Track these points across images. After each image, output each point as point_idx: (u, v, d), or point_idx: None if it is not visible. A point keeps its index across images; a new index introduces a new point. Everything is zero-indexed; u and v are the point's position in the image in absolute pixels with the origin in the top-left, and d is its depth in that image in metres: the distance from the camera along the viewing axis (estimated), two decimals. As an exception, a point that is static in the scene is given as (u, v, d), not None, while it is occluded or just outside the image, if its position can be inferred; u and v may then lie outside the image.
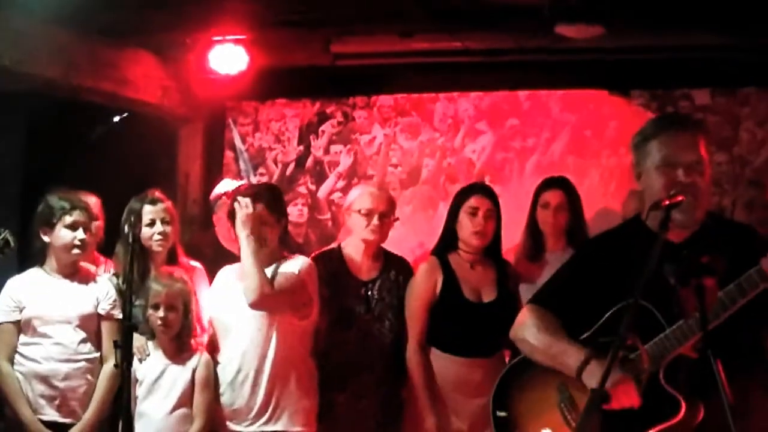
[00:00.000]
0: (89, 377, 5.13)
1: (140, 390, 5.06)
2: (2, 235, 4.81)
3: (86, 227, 5.18)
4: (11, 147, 7.60)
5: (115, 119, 7.99)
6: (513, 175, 7.71)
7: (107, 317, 5.18)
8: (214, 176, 7.74)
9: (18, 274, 5.25)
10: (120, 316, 5.05)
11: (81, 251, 5.19)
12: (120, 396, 4.81)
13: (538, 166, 7.60)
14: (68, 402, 5.08)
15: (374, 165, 8.02)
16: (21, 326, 5.10)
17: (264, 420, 5.03)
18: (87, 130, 7.65)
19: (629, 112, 7.43)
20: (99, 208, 5.53)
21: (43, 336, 5.08)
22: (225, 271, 5.28)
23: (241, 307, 4.99)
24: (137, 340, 5.03)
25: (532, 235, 5.78)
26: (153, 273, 5.21)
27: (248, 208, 5.04)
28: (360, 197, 5.44)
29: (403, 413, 5.38)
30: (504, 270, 5.47)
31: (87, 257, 5.34)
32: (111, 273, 5.37)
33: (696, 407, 3.40)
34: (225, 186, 6.22)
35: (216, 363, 5.13)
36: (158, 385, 5.06)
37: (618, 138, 7.41)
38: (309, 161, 8.15)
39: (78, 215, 5.15)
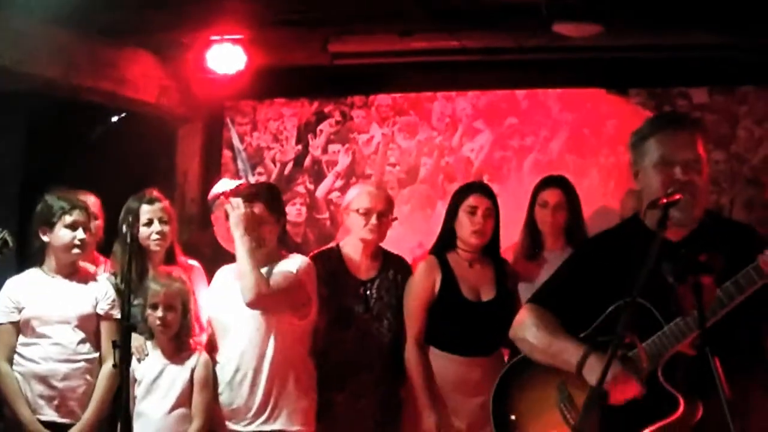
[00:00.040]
0: (88, 377, 5.11)
1: (139, 390, 5.06)
2: (1, 235, 4.79)
3: (86, 227, 5.17)
4: (10, 147, 7.60)
5: (114, 119, 7.99)
6: (511, 174, 7.70)
7: (106, 317, 5.16)
8: (213, 176, 7.74)
9: (17, 275, 5.23)
10: (119, 316, 5.05)
11: (81, 251, 5.18)
12: (119, 396, 4.82)
13: (537, 165, 7.60)
14: (67, 402, 5.07)
15: (372, 164, 8.02)
16: (20, 326, 5.08)
17: (262, 419, 5.03)
18: (86, 130, 7.64)
19: (627, 111, 7.43)
20: (98, 208, 5.55)
21: (42, 336, 5.07)
22: (223, 271, 5.28)
23: (240, 307, 4.99)
24: (136, 340, 5.03)
25: (531, 234, 5.77)
26: (151, 273, 5.20)
27: (240, 209, 5.05)
28: (358, 196, 5.44)
29: (402, 412, 5.37)
30: (502, 269, 5.46)
31: (87, 257, 5.34)
32: (109, 273, 5.36)
33: (695, 405, 3.40)
34: (223, 186, 6.20)
35: (215, 363, 5.13)
36: (157, 385, 5.06)
37: (616, 137, 7.41)
38: (307, 161, 8.15)
39: (78, 215, 5.14)
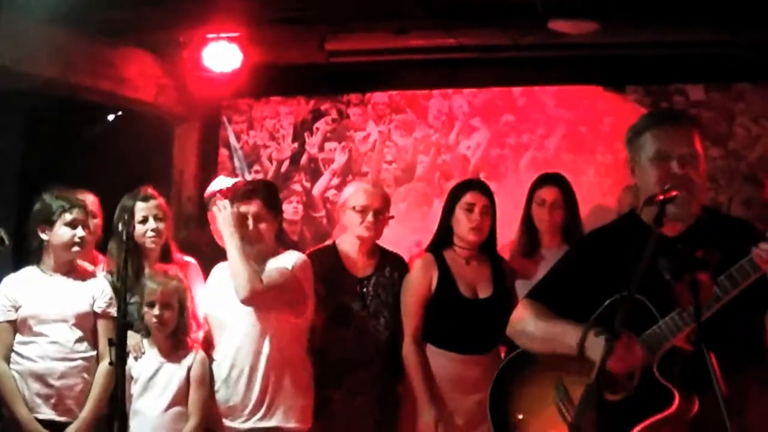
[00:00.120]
0: (86, 376, 5.11)
1: (135, 388, 5.06)
2: (-2, 234, 4.80)
3: (85, 225, 5.17)
4: (8, 146, 7.60)
5: (110, 117, 7.99)
6: (508, 172, 7.70)
7: (103, 315, 5.16)
8: (209, 174, 7.73)
9: (13, 273, 5.23)
10: (116, 314, 5.05)
11: (80, 249, 5.18)
12: (116, 394, 4.81)
13: (533, 163, 7.61)
14: (64, 401, 5.06)
15: (369, 162, 8.02)
16: (17, 325, 5.08)
17: (259, 416, 5.03)
18: (84, 129, 7.65)
19: (624, 108, 7.42)
20: (97, 207, 5.55)
21: (39, 335, 5.06)
22: (219, 268, 5.27)
23: (236, 304, 5.00)
24: (132, 338, 5.04)
25: (528, 232, 5.77)
26: (148, 271, 5.20)
27: (227, 209, 5.08)
28: (354, 194, 5.44)
29: (400, 409, 5.37)
30: (499, 266, 5.46)
31: (86, 256, 5.34)
32: (105, 271, 5.36)
33: (690, 400, 3.40)
34: (220, 183, 6.20)
35: (211, 360, 5.13)
36: (153, 383, 5.06)
37: (613, 134, 7.40)
38: (303, 159, 8.14)
39: (77, 213, 5.14)
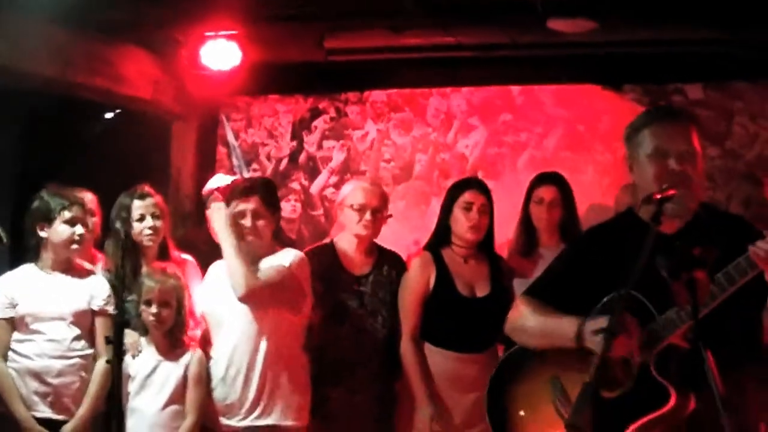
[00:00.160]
0: (83, 374, 5.10)
1: (132, 386, 5.05)
2: (-5, 232, 4.79)
3: (84, 223, 5.17)
4: (5, 144, 7.60)
5: (108, 116, 7.99)
6: (506, 170, 7.70)
7: (101, 313, 5.15)
8: (207, 172, 7.68)
9: (11, 271, 5.23)
10: (114, 312, 5.05)
11: (79, 247, 5.18)
12: (113, 392, 4.82)
13: (531, 161, 7.60)
14: (62, 399, 5.06)
15: (367, 160, 8.02)
16: (14, 323, 5.08)
17: (256, 414, 5.02)
18: (81, 127, 7.64)
19: (622, 107, 7.41)
20: (95, 205, 5.54)
21: (37, 333, 5.06)
22: (217, 266, 5.26)
23: (233, 302, 5.00)
24: (130, 336, 5.04)
25: (526, 231, 5.77)
26: (146, 269, 5.20)
27: (221, 210, 5.12)
28: (352, 192, 5.44)
29: (397, 407, 5.38)
30: (497, 265, 5.47)
31: (84, 254, 5.34)
32: (103, 269, 5.36)
33: (687, 397, 3.39)
34: (218, 181, 6.18)
35: (209, 358, 5.12)
36: (150, 381, 5.05)
37: (611, 133, 7.39)
38: (302, 157, 8.14)
39: (76, 211, 5.14)
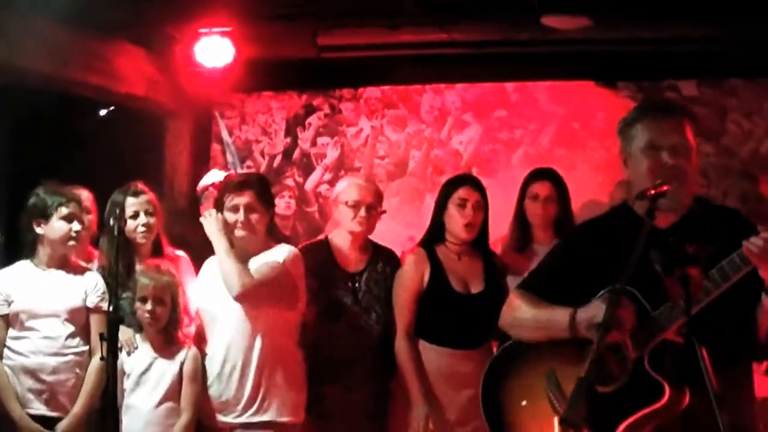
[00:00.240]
0: (78, 371, 5.10)
1: (128, 383, 5.06)
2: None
3: (80, 220, 5.18)
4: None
5: (102, 113, 7.97)
6: (500, 167, 7.70)
7: (95, 310, 5.15)
8: (201, 169, 7.68)
9: (5, 267, 5.22)
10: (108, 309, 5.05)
11: (76, 243, 5.18)
12: (108, 389, 4.82)
13: (526, 158, 7.61)
14: (57, 396, 5.06)
15: (361, 157, 8.02)
16: (9, 320, 5.08)
17: (252, 411, 5.02)
18: (76, 124, 7.63)
19: (616, 104, 7.41)
20: (91, 202, 5.54)
21: (31, 330, 5.06)
22: (211, 262, 5.25)
23: (227, 298, 4.99)
24: (125, 333, 5.04)
25: (520, 227, 5.76)
26: (141, 266, 5.20)
27: (213, 215, 5.10)
28: (347, 189, 5.43)
29: (392, 404, 5.38)
30: (491, 261, 5.46)
31: (81, 250, 5.35)
32: (98, 266, 5.35)
33: (681, 392, 3.39)
34: (212, 177, 6.20)
35: (204, 354, 5.12)
36: (146, 378, 5.06)
37: (605, 129, 7.39)
38: (296, 153, 8.14)
39: (73, 207, 5.14)
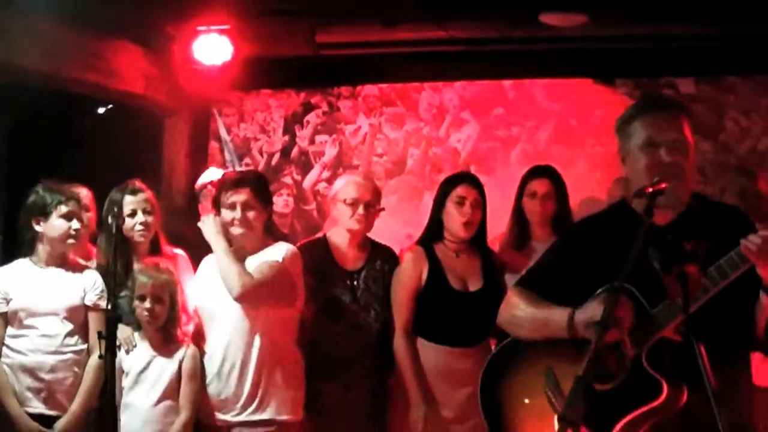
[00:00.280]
0: (76, 369, 5.10)
1: (126, 381, 5.05)
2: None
3: (79, 218, 5.18)
4: (-4, 139, 7.58)
5: (100, 111, 7.97)
6: (498, 165, 7.70)
7: (94, 308, 5.15)
8: (200, 167, 7.70)
9: (4, 265, 5.22)
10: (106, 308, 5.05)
11: (75, 241, 5.18)
12: (107, 387, 4.82)
13: (524, 155, 7.60)
14: (55, 394, 5.06)
15: (359, 155, 8.01)
16: (8, 318, 5.08)
17: (251, 410, 5.01)
18: (74, 123, 7.62)
19: (614, 101, 7.41)
20: (90, 200, 5.53)
21: (30, 328, 5.06)
22: (209, 260, 5.25)
23: (225, 296, 4.98)
24: (123, 332, 5.04)
25: (518, 224, 5.76)
26: (140, 264, 5.18)
27: (210, 219, 5.12)
28: (345, 187, 5.43)
29: (390, 403, 5.38)
30: (489, 259, 5.47)
31: (80, 248, 5.34)
32: (96, 264, 5.35)
33: (679, 390, 3.40)
34: (210, 175, 6.21)
35: (202, 353, 5.11)
36: (144, 377, 5.05)
37: (603, 127, 7.39)
38: (294, 151, 8.13)
39: (72, 206, 5.14)
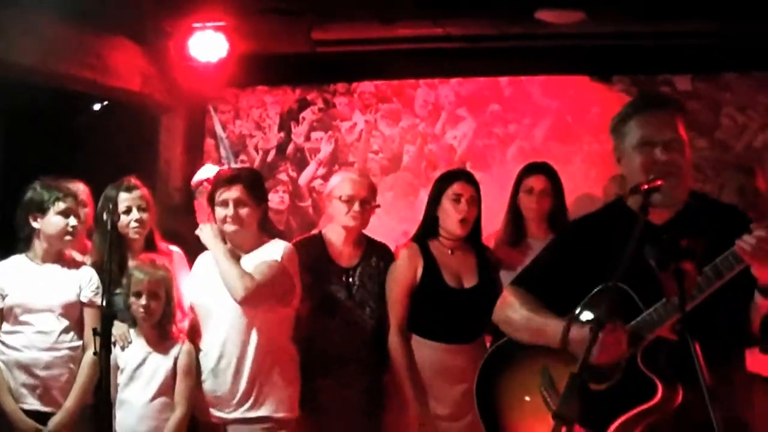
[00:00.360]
0: (72, 366, 5.10)
1: (121, 377, 5.04)
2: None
3: (76, 215, 5.17)
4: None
5: (96, 107, 7.96)
6: (494, 162, 7.70)
7: (89, 305, 5.14)
8: (195, 163, 7.70)
9: (0, 261, 5.22)
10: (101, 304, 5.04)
11: (72, 238, 5.18)
12: (102, 384, 4.81)
13: (520, 152, 7.61)
14: (50, 391, 5.06)
15: (355, 152, 8.01)
16: (3, 314, 5.07)
17: (247, 407, 5.00)
18: (70, 119, 7.61)
19: (611, 98, 7.41)
20: (87, 196, 5.53)
21: (25, 324, 5.06)
22: (204, 257, 5.25)
23: (222, 293, 4.97)
24: (119, 328, 5.04)
25: (514, 221, 5.75)
26: (135, 261, 5.19)
27: (207, 226, 5.13)
28: (341, 184, 5.42)
29: (386, 400, 5.38)
30: (484, 256, 5.46)
31: (77, 245, 5.34)
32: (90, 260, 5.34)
33: (675, 390, 3.40)
34: (206, 172, 6.21)
35: (198, 350, 5.11)
36: (140, 373, 5.04)
37: (599, 124, 7.38)
38: (290, 148, 8.13)
39: (70, 202, 5.14)
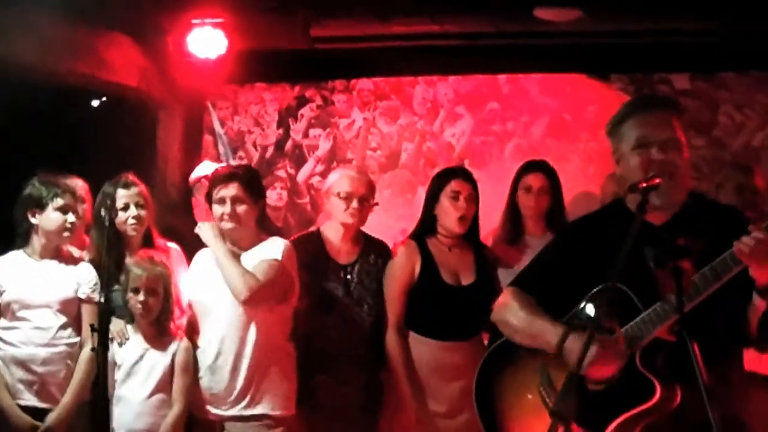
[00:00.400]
0: (69, 362, 5.08)
1: (119, 374, 5.04)
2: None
3: (75, 211, 5.16)
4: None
5: (94, 104, 7.95)
6: (492, 159, 7.70)
7: (87, 301, 5.13)
8: (194, 160, 7.68)
9: (-2, 257, 5.23)
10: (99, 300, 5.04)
11: (70, 234, 5.17)
12: (99, 380, 4.81)
13: (518, 150, 7.61)
14: (47, 387, 5.04)
15: (353, 149, 8.01)
16: (1, 310, 5.06)
17: (244, 404, 5.00)
18: (67, 115, 7.60)
19: (608, 96, 7.42)
20: (86, 192, 5.52)
21: (23, 320, 5.04)
22: (202, 254, 5.25)
23: (220, 290, 4.98)
24: (116, 324, 5.04)
25: (512, 219, 5.76)
26: (133, 257, 5.17)
27: (206, 225, 5.13)
28: (339, 181, 5.43)
29: (383, 397, 5.38)
30: (482, 253, 5.46)
31: (75, 240, 5.34)
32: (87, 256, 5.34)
33: (673, 391, 3.40)
34: (204, 169, 6.19)
35: (196, 346, 5.11)
36: (137, 370, 5.04)
37: (597, 122, 7.38)
38: (288, 145, 8.13)
39: (68, 198, 5.13)
